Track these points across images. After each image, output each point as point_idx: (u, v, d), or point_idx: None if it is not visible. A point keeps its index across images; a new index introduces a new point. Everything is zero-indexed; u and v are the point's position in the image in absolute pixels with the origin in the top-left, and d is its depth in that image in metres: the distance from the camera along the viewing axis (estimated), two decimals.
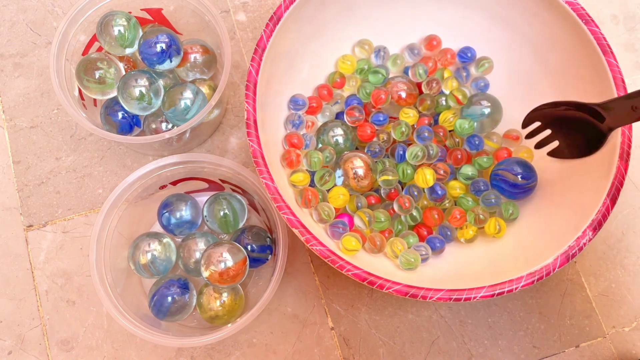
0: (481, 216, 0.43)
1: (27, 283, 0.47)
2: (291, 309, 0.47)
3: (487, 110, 0.45)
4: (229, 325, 0.41)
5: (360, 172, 0.42)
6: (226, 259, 0.41)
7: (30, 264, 0.48)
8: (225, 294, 0.44)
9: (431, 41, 0.47)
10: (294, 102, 0.45)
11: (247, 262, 0.42)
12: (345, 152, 0.44)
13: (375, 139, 0.45)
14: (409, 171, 0.43)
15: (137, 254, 0.44)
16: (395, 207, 0.43)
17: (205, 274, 0.42)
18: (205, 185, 0.48)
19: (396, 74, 0.48)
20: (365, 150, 0.44)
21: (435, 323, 0.47)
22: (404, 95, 0.46)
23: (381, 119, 0.45)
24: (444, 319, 0.47)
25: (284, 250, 0.41)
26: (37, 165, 0.50)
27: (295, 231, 0.36)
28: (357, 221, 0.43)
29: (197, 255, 0.44)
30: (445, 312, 0.48)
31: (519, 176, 0.43)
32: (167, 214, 0.45)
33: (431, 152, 0.43)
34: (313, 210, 0.42)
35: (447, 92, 0.47)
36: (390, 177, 0.43)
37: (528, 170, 0.43)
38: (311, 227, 0.37)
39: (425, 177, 0.43)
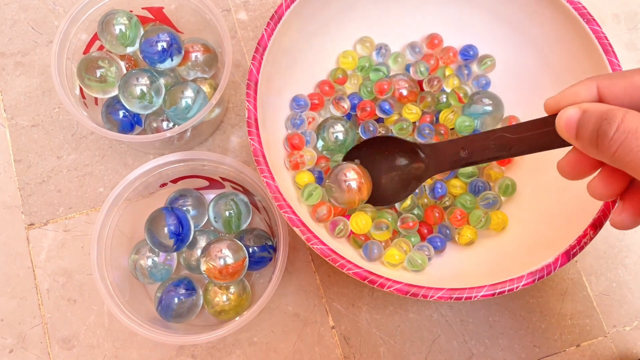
0: (482, 219, 0.43)
1: (28, 281, 0.47)
2: (292, 307, 0.47)
3: (488, 109, 0.45)
4: (237, 318, 0.41)
5: (354, 184, 0.41)
6: (226, 255, 0.41)
7: (31, 263, 0.48)
8: (232, 289, 0.44)
9: (433, 39, 0.47)
10: (296, 102, 0.45)
11: (247, 260, 0.42)
12: (338, 164, 0.42)
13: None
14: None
15: (138, 260, 0.44)
16: (399, 226, 0.43)
17: (203, 267, 0.42)
18: (206, 183, 0.48)
19: (397, 71, 0.48)
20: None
21: (436, 322, 0.47)
22: (405, 92, 0.46)
23: (387, 107, 0.45)
24: (444, 318, 0.47)
25: (284, 249, 0.41)
26: (38, 163, 0.50)
27: (296, 230, 0.36)
28: (373, 230, 0.43)
29: (199, 253, 0.44)
30: (446, 311, 0.48)
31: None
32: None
33: None
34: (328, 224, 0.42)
35: (448, 90, 0.47)
36: None
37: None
38: (312, 226, 0.37)
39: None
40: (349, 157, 0.43)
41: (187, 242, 0.43)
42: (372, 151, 0.40)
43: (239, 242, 0.43)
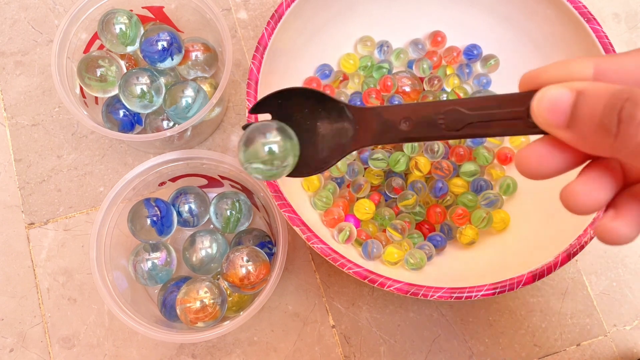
0: (484, 219, 0.42)
1: (29, 281, 0.47)
2: (292, 307, 0.47)
3: None
4: (241, 313, 0.41)
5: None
6: (248, 264, 0.41)
7: (31, 262, 0.48)
8: None
9: (436, 37, 0.47)
10: (319, 70, 0.46)
11: (269, 267, 0.42)
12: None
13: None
14: (401, 159, 0.43)
15: (137, 264, 0.44)
16: (389, 232, 0.43)
17: (226, 281, 0.41)
18: (205, 181, 0.48)
19: (400, 68, 0.48)
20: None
21: (436, 321, 0.47)
22: (408, 90, 0.45)
23: (396, 102, 0.45)
24: (445, 317, 0.47)
25: (284, 248, 0.41)
26: (39, 163, 0.50)
27: (297, 229, 0.36)
28: (389, 235, 0.43)
29: (203, 253, 0.44)
30: (447, 310, 0.48)
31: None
32: (176, 205, 0.45)
33: (436, 149, 0.43)
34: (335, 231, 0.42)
35: (448, 89, 0.47)
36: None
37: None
38: (312, 225, 0.37)
39: (420, 165, 0.43)
40: (258, 108, 0.31)
41: (170, 226, 0.43)
42: (286, 103, 0.30)
43: (260, 250, 0.43)
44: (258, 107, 0.31)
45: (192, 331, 0.41)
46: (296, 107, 0.30)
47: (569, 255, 0.36)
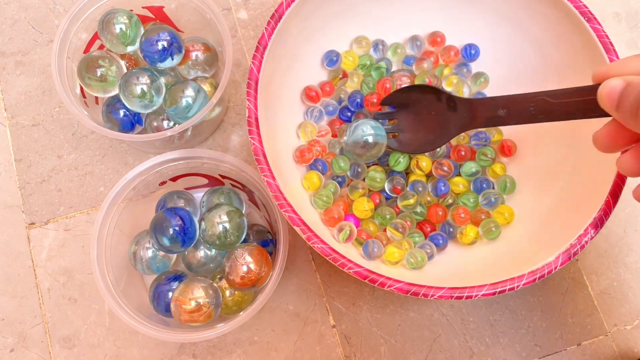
0: (493, 229, 0.42)
1: (29, 281, 0.47)
2: (292, 306, 0.47)
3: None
4: (241, 313, 0.41)
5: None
6: (249, 262, 0.41)
7: (32, 262, 0.48)
8: None
9: (435, 37, 0.47)
10: (327, 57, 0.46)
11: (270, 267, 0.42)
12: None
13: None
14: (400, 159, 0.43)
15: (137, 250, 0.44)
16: (390, 231, 0.43)
17: (228, 279, 0.41)
18: (205, 181, 0.48)
19: (397, 62, 0.48)
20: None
21: (436, 321, 0.47)
22: None
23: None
24: (445, 317, 0.47)
25: (284, 247, 0.41)
26: (39, 163, 0.50)
27: (297, 229, 0.36)
28: (390, 235, 0.43)
29: (201, 254, 0.44)
30: (447, 310, 0.48)
31: None
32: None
33: (437, 149, 0.43)
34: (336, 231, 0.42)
35: (448, 90, 0.47)
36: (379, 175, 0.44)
37: None
38: (313, 225, 0.37)
39: (421, 164, 0.43)
40: (386, 100, 0.43)
41: (194, 239, 0.43)
42: (408, 96, 0.41)
43: (262, 247, 0.43)
44: (385, 100, 0.42)
45: (193, 331, 0.41)
46: (414, 98, 0.40)
47: (569, 255, 0.36)
